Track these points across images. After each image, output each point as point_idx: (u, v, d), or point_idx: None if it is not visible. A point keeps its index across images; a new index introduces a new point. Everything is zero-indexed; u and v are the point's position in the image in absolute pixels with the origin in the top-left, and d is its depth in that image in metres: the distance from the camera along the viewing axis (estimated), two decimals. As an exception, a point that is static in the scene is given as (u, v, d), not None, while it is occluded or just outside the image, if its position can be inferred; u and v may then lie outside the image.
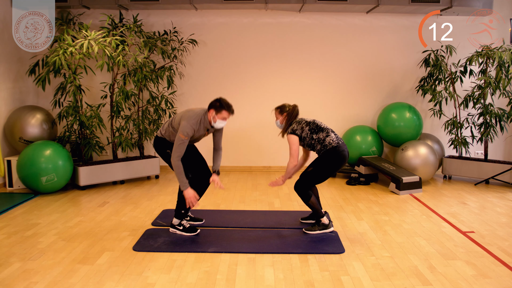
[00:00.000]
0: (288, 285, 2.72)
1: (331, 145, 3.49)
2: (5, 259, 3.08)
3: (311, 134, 3.55)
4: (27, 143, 5.15)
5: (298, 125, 3.61)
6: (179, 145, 3.31)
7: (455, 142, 5.67)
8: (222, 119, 3.41)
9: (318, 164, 3.53)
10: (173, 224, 3.63)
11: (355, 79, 6.18)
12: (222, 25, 6.04)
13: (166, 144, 3.56)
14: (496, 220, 4.03)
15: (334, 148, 3.48)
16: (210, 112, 3.41)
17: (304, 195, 3.58)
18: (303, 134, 3.57)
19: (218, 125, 3.45)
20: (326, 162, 3.50)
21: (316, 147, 3.55)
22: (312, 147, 3.59)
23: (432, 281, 2.78)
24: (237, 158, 6.31)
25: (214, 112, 3.39)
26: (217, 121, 3.41)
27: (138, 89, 5.51)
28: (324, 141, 3.52)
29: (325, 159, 3.50)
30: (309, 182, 3.57)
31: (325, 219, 3.64)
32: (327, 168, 3.52)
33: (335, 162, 3.49)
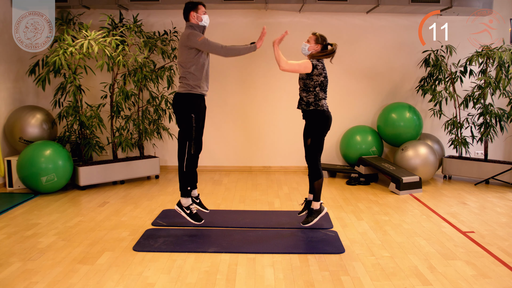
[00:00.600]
0: (288, 285, 2.72)
1: (323, 107, 3.57)
2: (5, 259, 3.08)
3: (319, 86, 3.55)
4: (27, 143, 5.15)
5: (322, 69, 3.56)
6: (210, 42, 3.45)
7: (455, 142, 5.67)
8: (204, 14, 3.58)
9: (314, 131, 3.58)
10: (181, 205, 3.58)
11: (355, 79, 6.18)
12: (222, 25, 6.04)
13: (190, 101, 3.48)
14: (496, 220, 4.03)
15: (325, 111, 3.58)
16: (191, 16, 3.54)
17: (317, 172, 3.61)
18: (315, 77, 3.54)
19: (205, 21, 3.60)
20: (319, 125, 3.56)
21: (309, 97, 3.56)
22: (306, 91, 3.57)
23: (432, 281, 2.78)
24: (237, 158, 6.31)
25: (194, 13, 3.54)
26: (201, 18, 3.56)
27: (138, 89, 5.51)
28: (319, 101, 3.56)
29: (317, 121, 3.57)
30: (316, 151, 3.59)
31: (316, 204, 3.64)
32: (322, 130, 3.58)
33: (326, 123, 3.58)
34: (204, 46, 3.46)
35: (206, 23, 3.61)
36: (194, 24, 3.56)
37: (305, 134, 3.73)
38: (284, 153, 6.28)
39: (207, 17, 3.61)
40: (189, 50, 3.48)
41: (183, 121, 3.52)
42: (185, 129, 3.52)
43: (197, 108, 3.54)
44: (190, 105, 3.51)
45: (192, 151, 3.53)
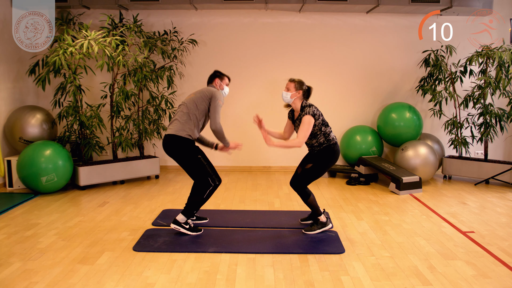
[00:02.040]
0: (288, 285, 2.72)
1: (333, 140, 3.54)
2: (5, 259, 3.08)
3: (322, 125, 3.52)
4: (27, 143, 5.15)
5: (317, 111, 3.51)
6: (219, 110, 3.52)
7: (455, 142, 5.67)
8: (226, 85, 3.78)
9: (319, 160, 3.53)
10: (178, 222, 3.57)
11: (355, 79, 6.18)
12: (222, 25, 6.04)
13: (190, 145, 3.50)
14: (496, 220, 4.03)
15: (335, 144, 3.55)
16: (215, 81, 3.72)
17: (304, 193, 3.58)
18: (317, 122, 3.49)
19: (226, 92, 3.77)
20: (327, 158, 3.52)
21: (319, 139, 3.51)
22: (315, 137, 3.52)
23: (432, 281, 2.78)
24: (237, 158, 6.31)
25: (219, 80, 3.73)
26: (224, 87, 3.75)
27: (138, 89, 5.51)
28: (329, 136, 3.53)
29: (326, 155, 3.51)
30: (308, 179, 3.56)
31: (322, 217, 3.64)
32: (327, 164, 3.54)
33: (334, 158, 3.54)
34: (215, 109, 3.50)
35: (225, 94, 3.77)
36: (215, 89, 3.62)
37: (305, 160, 3.68)
38: (284, 153, 6.28)
39: (228, 89, 3.80)
40: (207, 102, 3.53)
41: (191, 164, 3.53)
42: (197, 171, 3.52)
43: (197, 148, 3.56)
44: (192, 149, 3.53)
45: (217, 182, 3.57)
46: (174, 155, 3.53)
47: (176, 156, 3.53)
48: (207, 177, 3.52)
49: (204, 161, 3.54)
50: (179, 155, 3.52)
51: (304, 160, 3.71)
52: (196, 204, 3.54)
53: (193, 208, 3.56)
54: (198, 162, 3.51)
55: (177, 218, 3.59)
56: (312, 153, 3.64)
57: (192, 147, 3.52)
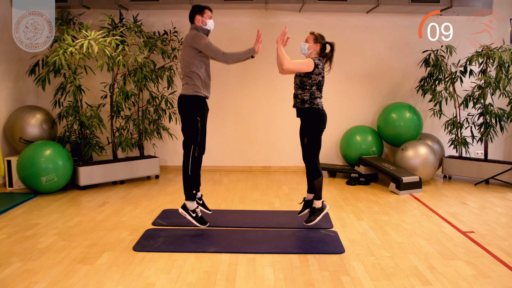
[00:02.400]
0: (288, 285, 2.72)
1: (318, 105, 3.54)
2: (5, 259, 3.08)
3: (316, 85, 3.53)
4: (27, 143, 5.15)
5: (322, 69, 3.53)
6: (212, 46, 3.45)
7: (455, 142, 5.67)
8: (209, 18, 3.58)
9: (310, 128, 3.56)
10: (187, 208, 3.57)
11: (355, 79, 6.18)
12: (222, 25, 6.04)
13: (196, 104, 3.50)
14: (496, 220, 4.03)
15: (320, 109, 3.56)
16: (196, 18, 3.55)
17: (316, 170, 3.59)
18: (314, 75, 3.51)
19: (210, 25, 3.60)
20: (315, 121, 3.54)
21: (305, 93, 3.54)
22: (302, 89, 3.55)
23: (432, 281, 2.78)
24: (237, 158, 6.30)
25: (199, 16, 3.54)
26: (206, 22, 3.57)
27: (138, 89, 5.51)
28: (315, 99, 3.54)
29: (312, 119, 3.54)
30: (314, 150, 3.57)
31: (318, 203, 3.64)
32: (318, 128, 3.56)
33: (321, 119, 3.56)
34: (207, 49, 3.46)
35: (211, 27, 3.62)
36: (198, 27, 3.56)
37: (301, 133, 3.72)
38: (284, 153, 6.28)
39: (212, 22, 3.62)
40: (193, 50, 3.48)
41: (189, 124, 3.52)
42: (189, 132, 3.52)
43: (202, 111, 3.55)
44: (195, 108, 3.51)
45: (196, 153, 3.55)
46: (181, 114, 3.58)
47: (181, 114, 3.57)
48: (192, 143, 3.51)
49: (200, 126, 3.52)
50: (182, 113, 3.55)
51: (300, 132, 3.74)
52: (187, 183, 3.54)
53: (187, 188, 3.55)
54: (194, 123, 3.50)
55: (186, 203, 3.58)
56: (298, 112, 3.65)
57: (196, 105, 3.51)
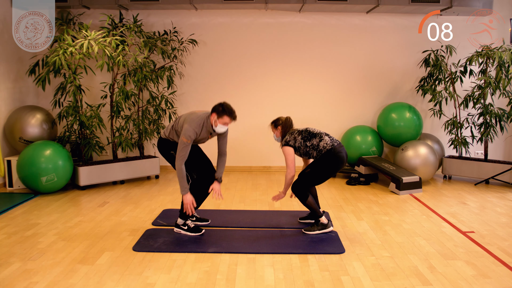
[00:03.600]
0: (288, 285, 2.72)
1: (325, 148, 3.50)
2: (5, 259, 3.08)
3: (305, 142, 3.56)
4: (27, 143, 5.15)
5: (290, 136, 3.63)
6: (182, 149, 3.32)
7: (455, 142, 5.67)
8: (223, 124, 3.42)
9: (315, 166, 3.54)
10: (178, 224, 3.63)
11: (355, 79, 6.18)
12: (222, 25, 6.04)
13: (169, 145, 3.58)
14: (496, 220, 4.03)
15: (329, 150, 3.49)
16: (212, 115, 3.41)
17: (302, 195, 3.59)
18: (297, 144, 3.58)
19: (219, 130, 3.45)
20: (323, 164, 3.51)
21: (312, 153, 3.56)
22: (308, 155, 3.59)
23: (432, 281, 2.78)
24: (237, 158, 6.30)
25: (216, 116, 3.39)
26: (218, 125, 3.42)
27: (138, 89, 5.51)
28: (319, 146, 3.52)
29: (321, 161, 3.51)
30: (306, 183, 3.57)
31: (323, 219, 3.64)
32: (324, 170, 3.52)
33: (332, 164, 3.49)
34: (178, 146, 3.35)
35: (218, 131, 3.46)
36: (209, 121, 3.45)
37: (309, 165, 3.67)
38: (284, 153, 6.27)
39: (223, 128, 3.44)
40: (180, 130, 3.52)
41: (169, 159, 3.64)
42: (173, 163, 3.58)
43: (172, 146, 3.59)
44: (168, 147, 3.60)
45: (194, 176, 3.60)
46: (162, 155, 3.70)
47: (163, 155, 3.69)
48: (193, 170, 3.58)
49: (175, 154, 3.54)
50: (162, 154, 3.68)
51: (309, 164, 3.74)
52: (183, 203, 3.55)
53: (182, 208, 3.57)
54: (171, 158, 3.58)
55: (177, 221, 3.65)
56: None
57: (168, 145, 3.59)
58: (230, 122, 3.42)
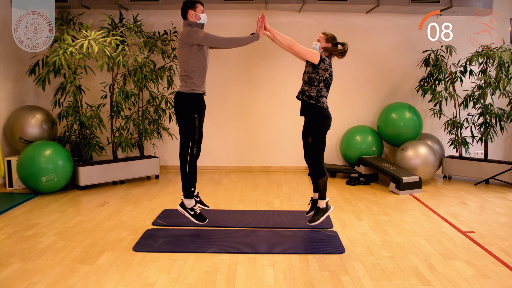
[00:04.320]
0: (288, 285, 2.72)
1: (323, 104, 3.54)
2: (5, 259, 3.08)
3: (324, 82, 3.52)
4: (27, 143, 5.15)
5: (329, 66, 3.52)
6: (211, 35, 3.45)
7: (455, 142, 5.67)
8: (202, 12, 3.58)
9: (315, 127, 3.56)
10: (185, 206, 3.58)
11: (355, 79, 6.17)
12: (222, 25, 6.04)
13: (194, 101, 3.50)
14: (496, 220, 4.03)
15: (325, 109, 3.55)
16: (189, 14, 3.54)
17: (320, 169, 3.58)
18: (320, 71, 3.50)
19: (204, 20, 3.59)
20: (320, 124, 3.54)
21: (312, 90, 3.53)
22: (309, 85, 3.54)
23: (432, 281, 2.78)
24: (237, 158, 6.31)
25: (192, 11, 3.53)
26: (199, 17, 3.56)
27: (138, 89, 5.51)
28: (321, 97, 3.53)
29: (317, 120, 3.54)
30: (319, 150, 3.57)
31: (322, 203, 3.62)
32: (322, 128, 3.56)
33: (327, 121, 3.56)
34: (206, 40, 3.46)
35: (204, 21, 3.61)
36: (192, 22, 3.55)
37: (304, 133, 3.71)
38: (284, 153, 6.28)
39: (205, 16, 3.61)
40: (190, 47, 3.47)
41: (186, 121, 3.51)
42: (187, 129, 3.51)
43: (200, 108, 3.54)
44: (193, 105, 3.50)
45: (194, 151, 3.54)
46: (177, 112, 3.57)
47: (178, 112, 3.56)
48: (189, 141, 3.51)
49: (198, 123, 3.51)
50: (180, 111, 3.54)
51: (303, 131, 3.72)
52: (185, 181, 3.55)
53: (185, 186, 3.56)
54: (192, 120, 3.50)
55: (184, 201, 3.60)
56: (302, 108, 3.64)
57: (194, 103, 3.51)
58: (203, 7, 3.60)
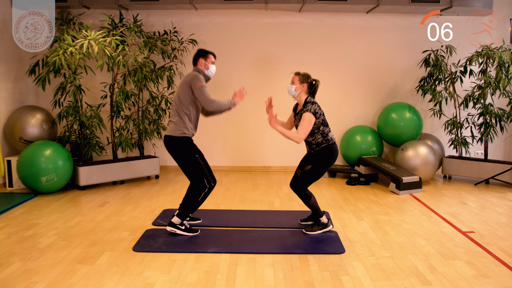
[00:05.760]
0: (288, 285, 2.72)
1: (332, 140, 3.52)
2: (5, 259, 3.08)
3: (321, 124, 3.49)
4: (27, 143, 5.15)
5: (319, 110, 3.48)
6: (205, 90, 3.42)
7: (455, 142, 5.67)
8: (212, 63, 3.61)
9: (318, 162, 3.52)
10: (174, 224, 3.59)
11: (355, 79, 6.18)
12: (222, 25, 6.04)
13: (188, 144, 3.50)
14: (496, 220, 4.03)
15: (334, 144, 3.52)
16: (200, 62, 3.57)
17: (304, 195, 3.58)
18: (317, 120, 3.46)
19: (212, 70, 3.62)
20: (325, 159, 3.51)
21: (317, 138, 3.50)
22: (312, 135, 3.51)
23: (432, 281, 2.78)
24: (237, 158, 6.31)
25: (203, 60, 3.58)
26: (209, 66, 3.59)
27: (138, 89, 5.51)
28: (327, 136, 3.51)
29: (324, 155, 3.50)
30: (307, 181, 3.55)
31: (324, 218, 3.64)
32: (325, 164, 3.53)
33: (332, 158, 3.53)
34: (198, 91, 3.42)
35: (212, 73, 3.63)
36: (200, 70, 3.58)
37: (304, 161, 3.67)
38: (284, 153, 6.28)
39: (214, 68, 3.64)
40: (189, 89, 3.48)
41: (189, 165, 3.52)
42: (195, 171, 3.51)
43: (196, 147, 3.56)
44: (189, 147, 3.52)
45: (212, 184, 3.56)
46: (173, 155, 3.57)
47: (174, 155, 3.56)
48: (203, 178, 3.51)
49: (201, 161, 3.53)
50: (176, 155, 3.54)
51: (303, 161, 3.70)
52: (191, 206, 3.55)
53: (187, 211, 3.56)
54: (195, 161, 3.51)
55: (173, 220, 3.60)
56: (310, 153, 3.63)
57: (188, 145, 3.52)
58: (215, 59, 3.64)
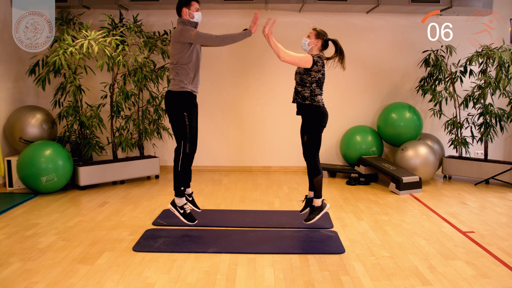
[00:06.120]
0: (288, 285, 2.72)
1: (319, 103, 3.54)
2: (5, 259, 3.08)
3: (316, 82, 3.51)
4: (27, 143, 5.15)
5: (322, 66, 3.51)
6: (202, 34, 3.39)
7: (455, 142, 5.67)
8: (196, 11, 3.53)
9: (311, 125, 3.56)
10: (176, 204, 3.57)
11: (355, 79, 6.17)
12: (222, 25, 6.04)
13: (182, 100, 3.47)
14: (496, 220, 4.03)
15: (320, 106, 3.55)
16: (183, 11, 3.51)
17: (315, 168, 3.59)
18: (313, 72, 3.50)
19: (198, 18, 3.55)
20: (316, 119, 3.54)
21: (305, 91, 3.52)
22: (302, 86, 3.54)
23: (432, 281, 2.78)
24: (237, 158, 6.30)
25: (186, 9, 3.50)
26: (194, 15, 3.52)
27: (138, 89, 5.51)
28: (315, 96, 3.53)
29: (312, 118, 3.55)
30: (313, 149, 3.57)
31: (317, 201, 3.63)
32: (317, 127, 3.56)
33: (320, 118, 3.56)
34: (198, 38, 3.41)
35: (198, 20, 3.57)
36: (186, 20, 3.52)
37: (302, 131, 3.71)
38: (284, 153, 6.28)
39: (199, 14, 3.57)
40: (182, 46, 3.44)
41: (176, 120, 3.50)
42: (178, 128, 3.50)
43: (190, 106, 3.51)
44: (182, 103, 3.47)
45: (187, 150, 3.52)
46: (168, 113, 3.55)
47: (168, 112, 3.54)
48: (181, 139, 3.48)
49: (188, 121, 3.47)
50: (169, 111, 3.53)
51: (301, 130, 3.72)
52: (176, 179, 3.53)
53: (176, 184, 3.54)
54: (181, 119, 3.46)
55: (175, 200, 3.58)
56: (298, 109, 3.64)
57: (184, 101, 3.47)
58: (198, 5, 3.54)
